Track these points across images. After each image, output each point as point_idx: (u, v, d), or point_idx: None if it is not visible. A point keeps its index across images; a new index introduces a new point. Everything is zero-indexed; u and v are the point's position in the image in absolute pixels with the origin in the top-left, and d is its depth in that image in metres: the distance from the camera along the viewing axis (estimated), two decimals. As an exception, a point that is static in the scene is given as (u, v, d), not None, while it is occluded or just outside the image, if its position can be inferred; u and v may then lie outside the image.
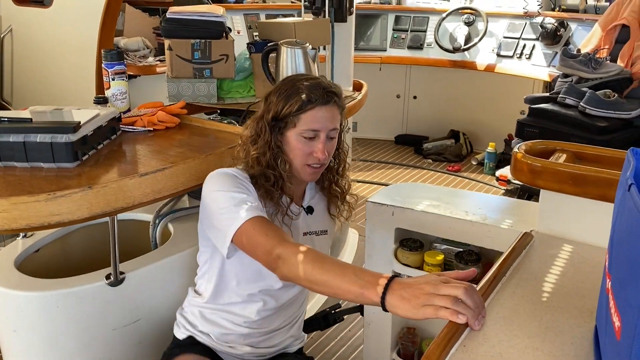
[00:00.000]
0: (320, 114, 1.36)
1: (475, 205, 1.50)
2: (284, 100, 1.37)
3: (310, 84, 1.38)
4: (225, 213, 1.30)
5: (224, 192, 1.32)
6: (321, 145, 1.37)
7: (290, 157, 1.40)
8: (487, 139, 4.39)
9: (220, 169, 1.40)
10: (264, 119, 1.40)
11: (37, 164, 1.50)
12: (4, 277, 1.55)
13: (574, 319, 0.89)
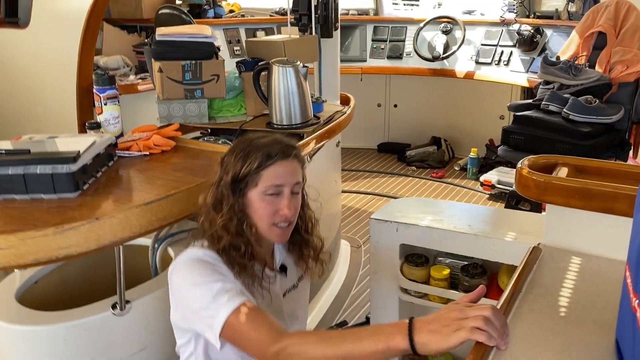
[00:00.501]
0: (282, 169, 1.31)
1: (478, 219, 1.52)
2: (242, 159, 1.31)
3: (268, 140, 1.34)
4: (206, 309, 1.21)
5: (200, 285, 1.23)
6: (286, 201, 1.31)
7: (255, 219, 1.33)
8: (468, 145, 4.46)
9: (189, 254, 1.30)
10: (223, 183, 1.33)
11: (38, 196, 1.48)
12: (7, 313, 1.52)
13: (594, 333, 0.91)
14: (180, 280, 1.28)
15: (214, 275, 1.25)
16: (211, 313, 1.20)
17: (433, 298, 1.56)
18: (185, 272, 1.28)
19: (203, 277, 1.24)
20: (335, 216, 2.92)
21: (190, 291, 1.25)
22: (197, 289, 1.23)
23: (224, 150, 1.90)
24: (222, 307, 1.19)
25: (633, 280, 0.76)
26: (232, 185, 1.32)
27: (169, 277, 1.32)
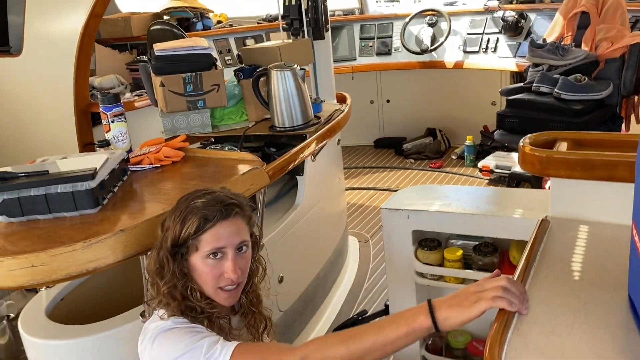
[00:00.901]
0: (222, 231, 1.26)
1: (484, 199, 1.58)
2: (180, 223, 1.26)
3: (206, 200, 1.28)
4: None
5: (186, 351, 1.17)
6: (230, 264, 1.26)
7: (200, 283, 1.28)
8: (463, 133, 4.53)
9: (156, 328, 1.24)
10: (164, 249, 1.28)
11: (60, 214, 1.53)
12: (42, 329, 1.57)
13: (608, 292, 0.97)
14: (160, 355, 1.21)
15: (194, 336, 1.20)
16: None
17: (449, 279, 1.62)
18: (165, 344, 1.22)
19: (184, 341, 1.19)
20: (342, 214, 2.97)
21: (177, 349, 1.18)
22: (184, 354, 1.17)
23: (232, 157, 1.98)
24: (219, 356, 1.16)
25: (638, 233, 0.82)
26: (172, 250, 1.27)
27: (141, 354, 1.28)
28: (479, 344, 1.72)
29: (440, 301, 1.06)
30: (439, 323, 1.04)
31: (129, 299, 1.68)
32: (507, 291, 0.95)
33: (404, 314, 1.09)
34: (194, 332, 1.22)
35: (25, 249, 1.34)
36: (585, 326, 0.89)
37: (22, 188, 1.51)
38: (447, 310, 1.03)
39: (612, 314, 0.91)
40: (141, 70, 2.51)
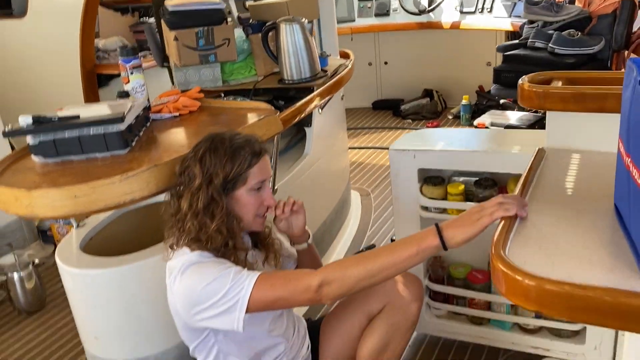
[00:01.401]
0: (264, 165, 1.43)
1: (485, 139, 1.71)
2: (230, 160, 1.37)
3: (245, 139, 1.42)
4: (228, 294, 1.28)
5: (214, 280, 1.29)
6: (269, 193, 1.45)
7: (241, 214, 1.41)
8: (459, 93, 4.64)
9: (184, 262, 1.35)
10: (213, 186, 1.37)
11: (93, 155, 1.65)
12: (80, 261, 1.71)
13: (597, 202, 1.10)
14: (191, 285, 1.32)
15: (221, 265, 1.32)
16: (235, 292, 1.28)
17: (451, 212, 1.76)
18: (195, 275, 1.32)
19: (213, 270, 1.31)
20: (345, 167, 3.11)
21: (206, 287, 1.29)
22: (213, 281, 1.29)
23: (248, 106, 2.09)
24: (245, 281, 1.28)
25: (625, 144, 0.95)
26: (222, 187, 1.37)
27: (169, 289, 1.40)
28: (478, 273, 1.87)
29: (446, 223, 1.19)
30: (446, 241, 1.17)
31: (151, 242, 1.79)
32: (504, 203, 1.09)
33: (414, 236, 1.22)
34: (220, 263, 1.34)
35: (66, 183, 1.46)
36: (577, 228, 1.02)
37: (56, 130, 1.62)
38: (453, 229, 1.17)
39: (600, 219, 1.05)
40: (147, 31, 2.59)
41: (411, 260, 1.21)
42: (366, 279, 1.24)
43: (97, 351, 1.79)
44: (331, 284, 1.25)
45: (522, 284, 0.87)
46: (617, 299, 0.79)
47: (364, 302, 1.58)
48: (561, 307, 0.84)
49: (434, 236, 1.18)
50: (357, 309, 1.60)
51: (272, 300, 1.31)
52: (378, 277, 1.24)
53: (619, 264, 0.88)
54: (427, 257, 1.25)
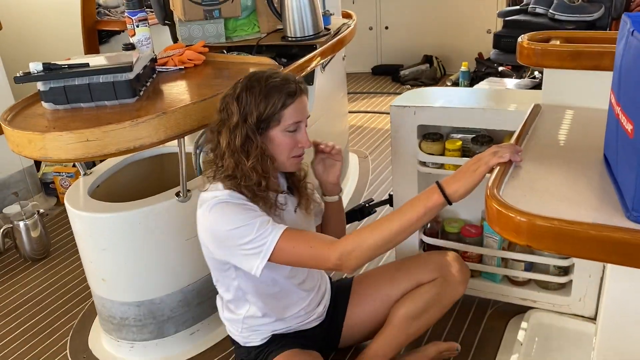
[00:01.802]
0: (300, 106, 1.41)
1: (483, 97, 1.76)
2: (264, 100, 1.37)
3: (282, 78, 1.41)
4: (252, 241, 1.33)
5: (240, 224, 1.34)
6: (305, 135, 1.44)
7: (275, 154, 1.43)
8: (458, 60, 4.65)
9: (215, 199, 1.38)
10: (247, 124, 1.38)
11: (102, 103, 1.70)
12: (90, 206, 1.77)
13: (587, 153, 1.16)
14: (217, 223, 1.37)
15: (250, 212, 1.36)
16: (258, 244, 1.34)
17: (448, 167, 1.82)
18: (221, 215, 1.37)
19: (240, 216, 1.35)
20: (344, 130, 3.16)
21: (231, 231, 1.35)
22: (239, 227, 1.34)
23: (251, 61, 2.13)
24: (269, 236, 1.33)
25: (616, 94, 1.01)
26: (256, 126, 1.39)
27: (199, 220, 1.44)
28: (471, 227, 1.95)
29: (446, 179, 1.26)
30: (450, 197, 1.23)
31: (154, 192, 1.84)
32: (498, 151, 1.15)
33: (419, 197, 1.28)
34: (249, 209, 1.38)
35: (78, 128, 1.51)
36: (567, 175, 1.08)
37: (67, 77, 1.66)
38: (454, 184, 1.23)
39: (590, 168, 1.11)
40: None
41: (420, 220, 1.28)
42: (383, 245, 1.31)
43: (104, 293, 1.86)
44: (350, 256, 1.31)
45: (514, 221, 0.93)
46: (601, 233, 0.86)
47: (417, 270, 1.68)
48: (550, 241, 0.91)
49: (438, 194, 1.24)
50: (408, 274, 1.68)
51: (292, 260, 1.38)
52: (393, 242, 1.31)
53: (605, 205, 0.95)
54: (434, 214, 1.30)
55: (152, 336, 1.88)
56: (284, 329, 1.61)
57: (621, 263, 0.88)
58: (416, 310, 1.65)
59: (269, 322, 1.58)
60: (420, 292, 1.65)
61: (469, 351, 1.81)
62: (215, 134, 1.45)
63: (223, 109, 1.43)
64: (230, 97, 1.42)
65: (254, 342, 1.60)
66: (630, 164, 0.91)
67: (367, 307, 1.72)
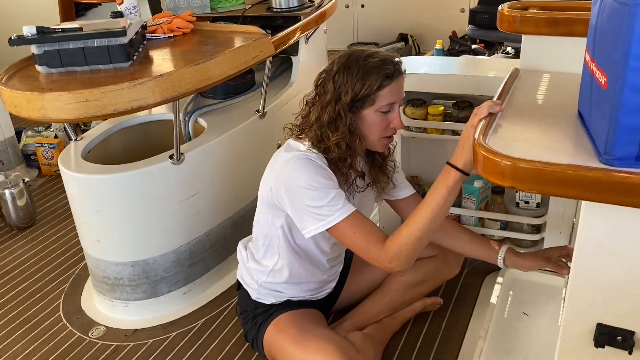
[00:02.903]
0: (396, 88, 1.41)
1: (464, 65, 1.85)
2: (361, 80, 1.37)
3: (380, 58, 1.39)
4: (320, 208, 1.36)
5: (317, 187, 1.36)
6: (397, 116, 1.44)
7: (367, 134, 1.44)
8: (433, 38, 4.75)
9: (301, 153, 1.40)
10: (341, 103, 1.39)
11: (96, 67, 1.73)
12: (83, 168, 1.81)
13: (562, 108, 1.26)
14: (296, 176, 1.38)
15: (330, 181, 1.38)
16: (324, 213, 1.36)
17: (431, 131, 1.92)
18: (303, 170, 1.38)
19: (320, 179, 1.37)
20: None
21: (305, 189, 1.37)
22: (314, 190, 1.36)
23: (238, 29, 2.17)
24: (337, 212, 1.36)
25: (590, 52, 1.11)
26: (349, 104, 1.39)
27: (277, 163, 1.45)
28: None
29: (454, 156, 1.29)
30: (464, 168, 1.27)
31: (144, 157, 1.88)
32: (477, 112, 1.23)
33: (438, 181, 1.32)
34: (330, 179, 1.40)
35: (75, 89, 1.54)
36: (545, 127, 1.18)
37: (61, 41, 1.69)
38: (461, 157, 1.27)
39: (565, 122, 1.21)
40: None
41: (448, 201, 1.32)
42: (424, 236, 1.35)
43: (98, 254, 1.91)
44: (400, 256, 1.35)
45: (500, 165, 1.02)
46: (578, 172, 0.96)
47: None
48: (532, 182, 1.01)
49: (453, 172, 1.28)
50: None
51: (345, 242, 1.42)
52: (432, 229, 1.35)
53: (580, 151, 1.05)
54: (457, 191, 1.34)
55: (146, 296, 1.95)
56: (299, 297, 1.65)
57: (595, 200, 0.98)
58: (415, 280, 1.77)
59: (289, 286, 1.62)
60: (421, 264, 1.75)
61: (448, 305, 1.93)
62: (309, 104, 1.48)
63: (320, 85, 1.44)
64: (328, 74, 1.42)
65: (266, 300, 1.65)
66: (604, 113, 1.01)
67: (366, 277, 1.81)
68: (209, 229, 2.03)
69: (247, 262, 1.67)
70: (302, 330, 1.52)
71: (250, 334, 1.67)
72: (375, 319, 1.77)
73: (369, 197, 1.64)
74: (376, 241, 1.38)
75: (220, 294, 2.07)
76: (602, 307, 1.17)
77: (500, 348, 1.69)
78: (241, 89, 2.35)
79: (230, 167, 2.05)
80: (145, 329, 1.92)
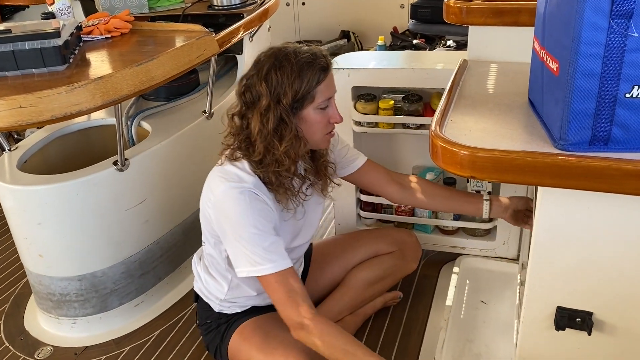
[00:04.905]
0: (331, 81, 1.37)
1: (412, 59, 1.86)
2: (298, 78, 1.29)
3: (310, 53, 1.33)
4: (254, 253, 1.31)
5: (255, 230, 1.30)
6: (335, 110, 1.39)
7: (309, 134, 1.36)
8: (374, 35, 4.78)
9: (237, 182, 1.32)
10: (281, 106, 1.30)
11: (29, 71, 1.63)
12: (22, 179, 1.69)
13: (513, 97, 1.27)
14: (234, 211, 1.31)
15: (269, 224, 1.32)
16: (257, 260, 1.31)
17: (382, 125, 1.91)
18: (239, 205, 1.31)
19: (259, 220, 1.30)
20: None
21: (243, 227, 1.30)
22: (252, 229, 1.30)
23: (180, 28, 2.10)
24: (270, 264, 1.30)
25: (540, 40, 1.12)
26: (291, 106, 1.31)
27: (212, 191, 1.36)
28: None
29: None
30: None
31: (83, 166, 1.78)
32: None
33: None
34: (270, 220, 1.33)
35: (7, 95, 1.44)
36: (498, 116, 1.18)
37: (-12, 44, 1.58)
38: None
39: (517, 110, 1.22)
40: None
41: None
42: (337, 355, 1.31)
43: (41, 269, 1.80)
44: (309, 337, 1.31)
45: (458, 154, 1.02)
46: (536, 158, 0.97)
47: (376, 242, 1.80)
48: (491, 170, 1.01)
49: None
50: (368, 244, 1.79)
51: (268, 291, 1.35)
52: None
53: (535, 138, 1.06)
54: None
55: (95, 310, 1.85)
56: (264, 303, 1.58)
57: (553, 185, 0.99)
58: (374, 277, 1.77)
59: (252, 297, 1.55)
60: (380, 261, 1.77)
61: (407, 298, 1.93)
62: (237, 117, 1.37)
63: (246, 92, 1.34)
64: (255, 78, 1.32)
65: (229, 311, 1.57)
66: (557, 99, 1.02)
67: (327, 274, 1.79)
68: (159, 236, 1.96)
69: (204, 276, 1.59)
70: (267, 337, 1.47)
71: (212, 344, 1.61)
72: (337, 318, 1.75)
73: (316, 199, 1.58)
74: (296, 303, 1.32)
75: (174, 304, 1.99)
76: (561, 290, 1.19)
77: (462, 337, 1.71)
78: (185, 90, 2.28)
79: (178, 171, 1.98)
80: (97, 345, 1.83)
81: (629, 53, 0.92)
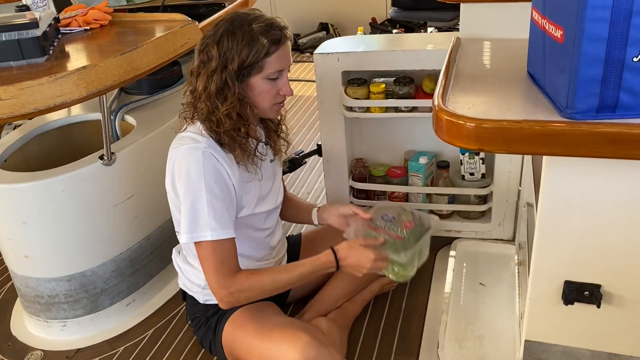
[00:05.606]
0: (284, 53, 1.36)
1: (402, 41, 1.83)
2: (247, 47, 1.31)
3: (265, 23, 1.34)
4: (196, 217, 1.33)
5: (204, 192, 1.32)
6: (286, 82, 1.40)
7: (257, 102, 1.39)
8: (353, 26, 4.76)
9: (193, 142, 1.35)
10: (227, 71, 1.33)
11: (7, 64, 1.56)
12: (4, 177, 1.63)
13: (511, 71, 1.26)
14: (185, 168, 1.34)
15: (217, 187, 1.34)
16: (198, 224, 1.33)
17: (374, 110, 1.88)
18: (192, 162, 1.33)
19: (209, 183, 1.33)
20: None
21: (192, 187, 1.33)
22: (200, 191, 1.32)
23: (160, 18, 2.04)
24: (209, 231, 1.33)
25: (540, 9, 1.10)
26: (236, 72, 1.33)
27: (172, 158, 1.39)
28: (396, 169, 2.04)
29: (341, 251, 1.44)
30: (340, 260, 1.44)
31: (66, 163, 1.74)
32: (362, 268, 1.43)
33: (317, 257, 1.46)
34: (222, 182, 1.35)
35: (-13, 88, 1.37)
36: (500, 90, 1.17)
37: (-37, 36, 1.51)
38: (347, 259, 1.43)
39: (518, 83, 1.20)
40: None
41: (313, 274, 1.45)
42: (273, 292, 1.42)
43: (27, 271, 1.73)
44: (242, 295, 1.38)
45: (465, 127, 0.99)
46: (545, 127, 0.95)
47: None
48: (499, 142, 0.98)
49: (332, 256, 1.42)
50: None
51: (201, 259, 1.38)
52: (283, 290, 1.45)
53: (540, 109, 1.04)
54: (325, 271, 1.46)
55: (86, 311, 1.79)
56: None
57: (563, 153, 0.97)
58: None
59: None
60: None
61: (405, 283, 1.91)
62: (194, 76, 1.39)
63: (202, 51, 1.36)
64: (211, 39, 1.34)
65: (215, 301, 1.51)
66: (562, 67, 0.99)
67: None
68: (149, 232, 1.90)
69: (184, 267, 1.57)
70: (261, 322, 1.45)
71: (205, 339, 1.57)
72: (335, 306, 1.72)
73: (279, 169, 1.62)
74: (229, 269, 1.37)
75: (167, 301, 1.94)
76: (568, 264, 1.17)
77: (463, 320, 1.69)
78: (168, 83, 2.22)
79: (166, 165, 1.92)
80: (89, 347, 1.77)
81: (636, 16, 0.89)
